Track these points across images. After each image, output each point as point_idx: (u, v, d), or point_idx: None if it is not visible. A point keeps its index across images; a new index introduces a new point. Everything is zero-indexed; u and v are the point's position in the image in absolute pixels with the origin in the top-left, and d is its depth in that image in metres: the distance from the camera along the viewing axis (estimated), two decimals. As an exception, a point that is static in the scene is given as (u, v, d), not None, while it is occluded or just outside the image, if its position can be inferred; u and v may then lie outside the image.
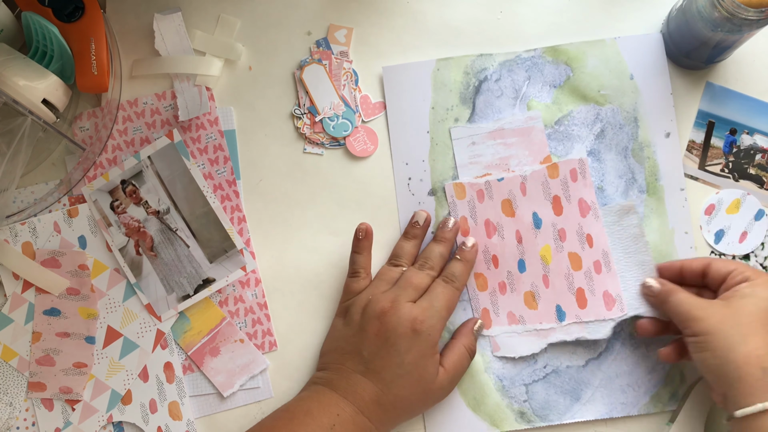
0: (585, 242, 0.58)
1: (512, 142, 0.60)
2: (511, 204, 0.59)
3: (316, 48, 0.64)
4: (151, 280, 0.63)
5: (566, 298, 0.58)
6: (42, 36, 0.59)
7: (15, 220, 0.63)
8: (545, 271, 0.59)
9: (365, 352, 0.55)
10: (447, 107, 0.63)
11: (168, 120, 0.64)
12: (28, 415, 0.63)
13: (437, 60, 0.63)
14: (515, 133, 0.60)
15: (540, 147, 0.60)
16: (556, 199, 0.59)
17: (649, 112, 0.62)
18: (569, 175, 0.59)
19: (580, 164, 0.59)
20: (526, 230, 0.59)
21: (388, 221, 0.63)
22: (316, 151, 0.64)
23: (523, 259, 0.59)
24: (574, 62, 0.63)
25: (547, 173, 0.59)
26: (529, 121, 0.60)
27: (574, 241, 0.58)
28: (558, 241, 0.58)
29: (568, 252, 0.58)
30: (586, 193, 0.58)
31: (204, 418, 0.62)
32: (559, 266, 0.59)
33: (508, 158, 0.60)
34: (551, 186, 0.59)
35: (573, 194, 0.58)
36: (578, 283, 0.58)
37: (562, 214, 0.58)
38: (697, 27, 0.56)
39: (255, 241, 0.63)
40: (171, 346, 0.63)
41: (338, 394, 0.55)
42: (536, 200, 0.59)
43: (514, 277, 0.59)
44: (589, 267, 0.58)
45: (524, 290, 0.59)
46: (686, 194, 0.61)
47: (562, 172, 0.59)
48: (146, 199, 0.63)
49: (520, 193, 0.59)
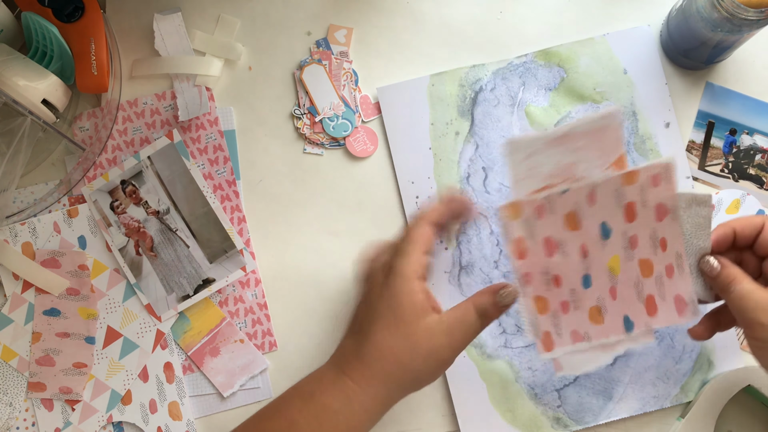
0: (658, 247, 0.50)
1: (580, 146, 0.49)
2: (576, 216, 0.50)
3: (316, 48, 0.64)
4: (151, 280, 0.63)
5: (635, 308, 0.51)
6: (42, 36, 0.59)
7: (15, 220, 0.63)
8: (613, 282, 0.51)
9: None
10: (446, 121, 0.63)
11: (168, 120, 0.64)
12: (28, 416, 0.63)
13: (431, 75, 0.63)
14: (585, 135, 0.49)
15: (614, 146, 0.49)
16: (630, 206, 0.50)
17: (646, 104, 0.62)
18: (649, 181, 0.49)
19: (665, 170, 0.49)
20: (592, 243, 0.51)
21: (388, 221, 0.63)
22: (316, 151, 0.64)
23: (589, 274, 0.51)
24: (567, 63, 0.63)
25: (622, 181, 0.49)
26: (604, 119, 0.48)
27: (647, 247, 0.51)
28: (628, 250, 0.51)
29: (639, 259, 0.51)
30: (667, 197, 0.49)
31: (204, 419, 0.62)
32: (628, 276, 0.51)
33: (573, 165, 0.50)
34: (626, 192, 0.49)
35: (651, 199, 0.49)
36: (648, 290, 0.51)
37: (635, 220, 0.50)
38: (697, 27, 0.56)
39: (255, 242, 0.63)
40: (171, 346, 0.63)
41: (329, 361, 0.52)
42: (606, 209, 0.50)
43: (578, 294, 0.52)
44: (660, 272, 0.51)
45: (589, 306, 0.52)
46: (693, 182, 0.61)
47: (642, 177, 0.49)
48: (146, 200, 0.63)
49: (586, 204, 0.50)
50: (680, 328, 0.60)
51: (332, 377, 0.49)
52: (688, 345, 0.60)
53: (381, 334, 0.49)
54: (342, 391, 0.48)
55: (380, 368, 0.48)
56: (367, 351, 0.49)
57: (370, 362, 0.49)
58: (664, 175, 0.49)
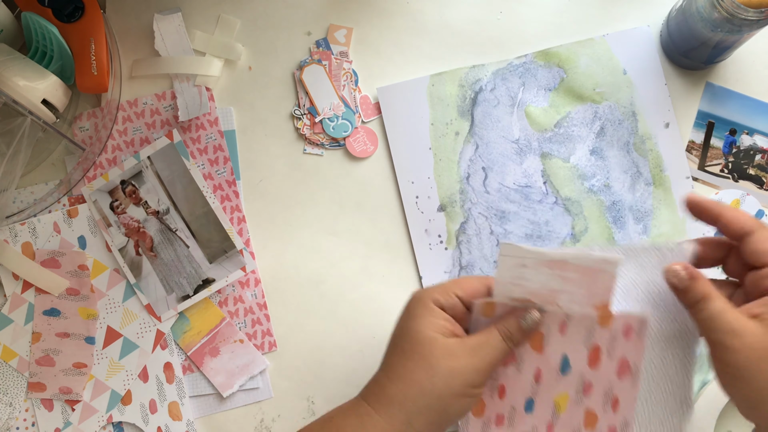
0: (609, 404, 0.48)
1: (571, 278, 0.48)
2: (542, 339, 0.50)
3: (315, 48, 0.64)
4: (150, 280, 0.63)
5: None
6: (42, 36, 0.59)
7: (15, 220, 0.63)
8: (553, 419, 0.50)
9: None
10: (446, 122, 0.63)
11: (168, 120, 0.64)
12: (28, 416, 0.63)
13: (431, 76, 0.63)
14: (580, 270, 0.47)
15: (603, 293, 0.47)
16: (596, 350, 0.48)
17: (646, 104, 0.62)
18: (621, 330, 0.47)
19: (638, 324, 0.47)
20: (548, 371, 0.50)
21: (388, 222, 0.63)
22: (316, 151, 0.64)
23: (534, 399, 0.50)
24: (567, 63, 0.63)
25: (597, 319, 0.48)
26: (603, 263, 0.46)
27: (598, 400, 0.48)
28: (580, 393, 0.49)
29: (586, 408, 0.49)
30: (633, 355, 0.47)
31: (204, 419, 0.62)
32: (570, 419, 0.49)
33: (559, 292, 0.49)
34: (596, 334, 0.48)
35: (617, 351, 0.48)
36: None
37: (597, 367, 0.48)
38: (697, 27, 0.56)
39: (255, 242, 0.63)
40: (171, 346, 0.63)
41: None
42: (572, 343, 0.49)
43: (516, 414, 0.51)
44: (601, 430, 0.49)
45: (522, 430, 0.51)
46: (692, 182, 0.62)
47: (616, 324, 0.48)
48: (146, 200, 0.63)
49: (557, 332, 0.50)
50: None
51: (353, 403, 0.49)
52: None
53: (397, 358, 0.48)
54: (357, 415, 0.47)
55: (397, 391, 0.47)
56: (384, 375, 0.48)
57: (385, 384, 0.47)
58: (636, 329, 0.47)
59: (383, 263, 0.63)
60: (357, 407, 0.48)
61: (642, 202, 0.62)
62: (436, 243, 0.62)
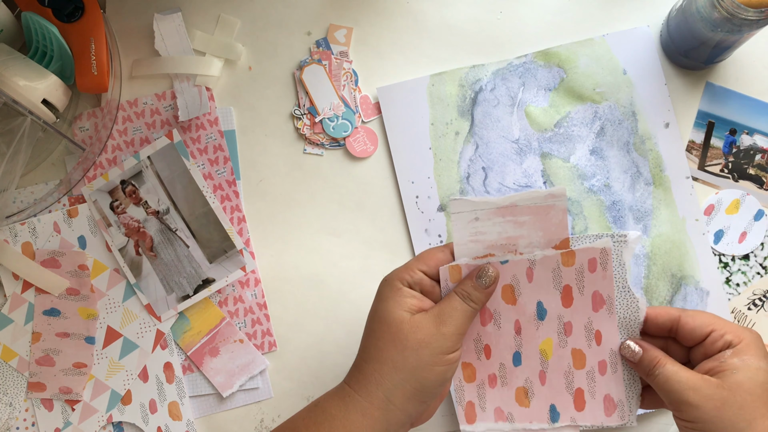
0: (593, 339, 0.51)
1: (525, 221, 0.50)
2: (514, 290, 0.51)
3: (315, 48, 0.64)
4: (150, 280, 0.63)
5: (563, 398, 0.52)
6: (42, 36, 0.59)
7: (15, 220, 0.63)
8: (543, 366, 0.52)
9: None
10: (446, 122, 0.63)
11: (168, 120, 0.64)
12: (28, 416, 0.63)
13: (431, 75, 0.63)
14: (531, 211, 0.49)
15: (558, 229, 0.50)
16: (567, 289, 0.51)
17: (645, 104, 0.62)
18: (586, 265, 0.50)
19: (602, 254, 0.50)
20: (527, 321, 0.52)
21: (388, 221, 0.63)
22: (316, 151, 0.64)
23: (520, 352, 0.52)
24: (566, 63, 0.63)
25: (561, 260, 0.50)
26: (550, 198, 0.49)
27: (581, 337, 0.51)
28: (562, 336, 0.51)
29: (572, 348, 0.51)
30: (603, 286, 0.50)
31: (204, 419, 0.62)
32: (559, 363, 0.52)
33: (516, 238, 0.51)
34: (563, 274, 0.51)
35: (588, 286, 0.50)
36: (578, 383, 0.51)
37: (572, 306, 0.51)
38: (697, 27, 0.56)
39: (255, 242, 0.63)
40: (171, 346, 0.63)
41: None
42: (543, 288, 0.51)
43: (506, 370, 0.52)
44: (593, 366, 0.51)
45: (517, 385, 0.52)
46: (692, 182, 0.62)
47: (579, 260, 0.50)
48: (146, 200, 0.63)
49: (525, 279, 0.51)
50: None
51: (337, 388, 0.50)
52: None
53: (371, 340, 0.49)
54: (341, 398, 0.49)
55: (372, 370, 0.49)
56: (360, 358, 0.50)
57: (362, 366, 0.49)
58: (600, 260, 0.49)
59: (383, 263, 0.63)
60: (340, 391, 0.50)
61: (642, 202, 0.62)
62: (436, 243, 0.62)
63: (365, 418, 0.48)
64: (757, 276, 0.61)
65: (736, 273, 0.61)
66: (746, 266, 0.61)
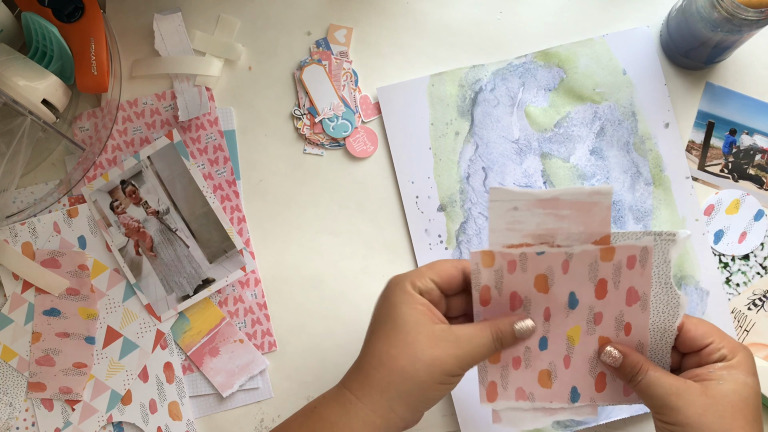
0: (622, 330, 0.50)
1: (566, 215, 0.48)
2: (547, 280, 0.50)
3: (315, 48, 0.64)
4: (150, 280, 0.63)
5: (585, 381, 0.52)
6: (42, 36, 0.59)
7: (15, 220, 0.63)
8: (569, 351, 0.51)
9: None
10: (446, 122, 0.63)
11: (168, 120, 0.64)
12: (28, 415, 0.63)
13: (431, 76, 0.63)
14: (573, 205, 0.48)
15: (601, 225, 0.48)
16: (602, 283, 0.50)
17: (645, 104, 0.62)
18: (625, 261, 0.49)
19: (642, 252, 0.48)
20: (557, 308, 0.51)
21: (388, 221, 0.63)
22: (316, 151, 0.64)
23: (547, 337, 0.51)
24: (566, 64, 0.63)
25: (600, 255, 0.49)
26: (595, 195, 0.47)
27: (610, 327, 0.50)
28: (591, 324, 0.51)
29: (600, 336, 0.51)
30: (640, 282, 0.49)
31: (204, 418, 0.62)
32: (585, 348, 0.51)
33: (555, 230, 0.49)
34: (600, 268, 0.49)
35: (624, 281, 0.49)
36: (602, 367, 0.51)
37: (605, 298, 0.50)
38: (697, 27, 0.56)
39: (255, 242, 0.63)
40: (171, 346, 0.63)
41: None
42: (578, 280, 0.50)
43: (531, 354, 0.52)
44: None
45: (540, 368, 0.52)
46: (692, 182, 0.62)
47: (618, 256, 0.49)
48: (146, 200, 0.63)
49: (560, 271, 0.50)
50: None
51: (335, 391, 0.48)
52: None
53: (380, 343, 0.47)
54: (340, 404, 0.47)
55: (379, 377, 0.47)
56: (366, 361, 0.48)
57: (368, 371, 0.47)
58: (640, 258, 0.49)
59: (383, 263, 0.63)
60: (339, 396, 0.48)
61: (642, 202, 0.62)
62: (436, 243, 0.62)
63: (366, 425, 0.47)
64: (757, 276, 0.61)
65: (736, 273, 0.61)
66: (746, 266, 0.61)
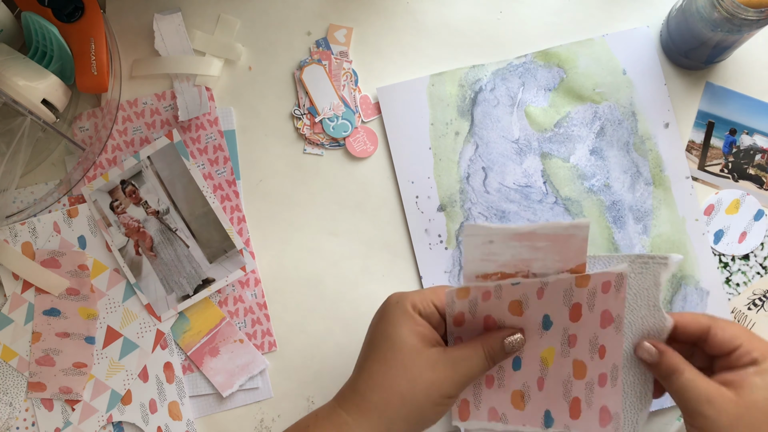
0: (596, 353, 0.49)
1: (542, 246, 0.49)
2: (521, 305, 0.51)
3: (315, 48, 0.64)
4: (150, 280, 0.63)
5: (558, 405, 0.51)
6: (42, 36, 0.59)
7: (15, 220, 0.63)
8: (542, 374, 0.51)
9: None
10: (446, 122, 0.63)
11: (168, 120, 0.64)
12: (28, 415, 0.63)
13: (431, 76, 0.63)
14: (550, 239, 0.48)
15: (576, 255, 0.48)
16: (576, 306, 0.49)
17: (645, 105, 0.62)
18: (600, 287, 0.48)
19: (617, 278, 0.48)
20: (531, 330, 0.51)
21: (388, 221, 0.63)
22: (316, 151, 0.64)
23: (521, 358, 0.51)
24: (566, 64, 0.63)
25: (575, 282, 0.49)
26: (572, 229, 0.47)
27: (584, 350, 0.49)
28: (565, 346, 0.50)
29: (574, 359, 0.50)
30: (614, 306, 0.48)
31: (204, 418, 0.62)
32: (559, 371, 0.50)
33: (531, 260, 0.49)
34: (575, 294, 0.49)
35: (598, 305, 0.49)
36: (576, 392, 0.50)
37: (579, 321, 0.49)
38: (697, 27, 0.56)
39: (255, 242, 0.63)
40: (171, 346, 0.63)
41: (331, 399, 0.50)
42: (553, 305, 0.50)
43: (505, 373, 0.52)
44: (592, 378, 0.49)
45: (513, 388, 0.52)
46: (692, 182, 0.62)
47: (593, 282, 0.48)
48: (146, 200, 0.63)
49: (535, 297, 0.50)
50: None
51: (328, 411, 0.48)
52: (688, 345, 0.60)
53: (377, 365, 0.47)
54: (336, 425, 0.47)
55: (377, 399, 0.47)
56: (363, 382, 0.47)
57: (365, 393, 0.47)
58: (615, 283, 0.48)
59: (383, 263, 0.63)
60: (333, 416, 0.47)
61: (642, 202, 0.62)
62: (436, 243, 0.62)
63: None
64: (757, 276, 0.61)
65: (736, 273, 0.61)
66: (746, 266, 0.61)
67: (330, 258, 0.63)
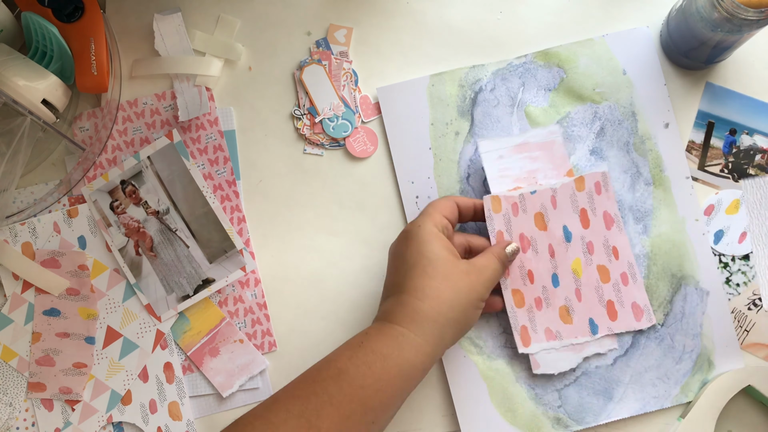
0: (611, 254, 0.59)
1: (537, 156, 0.60)
2: (543, 217, 0.59)
3: (315, 48, 0.64)
4: (150, 280, 0.63)
5: (598, 311, 0.59)
6: (42, 36, 0.59)
7: (15, 220, 0.63)
8: (577, 284, 0.59)
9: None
10: (446, 122, 0.63)
11: (168, 120, 0.64)
12: (28, 416, 0.63)
13: (431, 76, 0.63)
14: (538, 147, 0.60)
15: (562, 161, 0.60)
16: (583, 212, 0.59)
17: (645, 105, 0.62)
18: (594, 188, 0.59)
19: (602, 177, 0.59)
20: (557, 244, 0.59)
21: (388, 221, 0.63)
22: (316, 151, 0.64)
23: (557, 274, 0.59)
24: (566, 64, 0.63)
25: (575, 186, 0.59)
26: (549, 135, 0.60)
27: (602, 254, 0.59)
28: (587, 254, 0.59)
29: (597, 265, 0.59)
30: (609, 205, 0.59)
31: (204, 419, 0.62)
32: (589, 279, 0.59)
33: (534, 171, 0.60)
34: (578, 199, 0.59)
35: (598, 207, 0.59)
36: (608, 296, 0.59)
37: (589, 227, 0.59)
38: (697, 27, 0.56)
39: (255, 242, 0.63)
40: (171, 346, 0.63)
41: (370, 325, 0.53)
42: (566, 213, 0.59)
43: (548, 292, 0.59)
44: (616, 279, 0.59)
45: (559, 305, 0.59)
46: (692, 182, 0.62)
47: (588, 184, 0.59)
48: (146, 200, 0.63)
49: (551, 206, 0.59)
50: (680, 329, 0.60)
51: (378, 328, 0.51)
52: (688, 345, 0.60)
53: (420, 279, 0.51)
54: (391, 337, 0.50)
55: (427, 309, 0.50)
56: (411, 296, 0.51)
57: (415, 305, 0.51)
58: (602, 182, 0.59)
59: (383, 263, 0.63)
60: (390, 330, 0.50)
61: (642, 202, 0.62)
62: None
63: (419, 354, 0.50)
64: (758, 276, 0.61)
65: (736, 273, 0.61)
66: (746, 266, 0.61)
67: (330, 258, 0.63)
